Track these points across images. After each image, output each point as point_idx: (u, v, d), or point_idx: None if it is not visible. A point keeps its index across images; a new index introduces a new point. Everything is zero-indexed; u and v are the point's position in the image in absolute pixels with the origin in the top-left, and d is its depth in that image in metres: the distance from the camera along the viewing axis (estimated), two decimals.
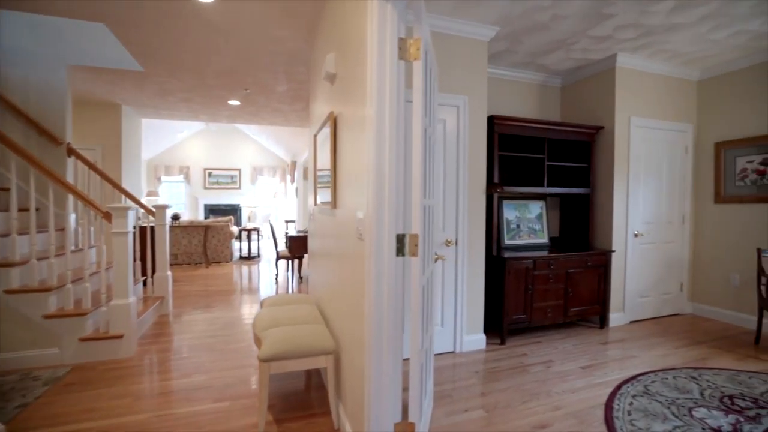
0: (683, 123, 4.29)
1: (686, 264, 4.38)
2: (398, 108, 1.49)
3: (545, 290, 3.53)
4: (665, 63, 4.03)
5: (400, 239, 1.49)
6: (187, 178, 11.24)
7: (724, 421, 2.21)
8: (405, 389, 2.31)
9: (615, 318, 3.93)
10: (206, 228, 7.52)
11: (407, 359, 2.92)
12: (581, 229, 4.10)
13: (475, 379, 2.72)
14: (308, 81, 4.52)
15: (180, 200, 11.40)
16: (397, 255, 1.49)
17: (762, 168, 3.89)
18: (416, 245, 1.46)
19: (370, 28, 1.47)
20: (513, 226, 3.99)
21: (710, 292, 4.26)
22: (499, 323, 3.40)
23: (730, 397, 2.47)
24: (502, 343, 3.38)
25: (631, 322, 4.04)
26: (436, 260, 2.07)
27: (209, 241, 7.57)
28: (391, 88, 1.47)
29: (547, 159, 3.88)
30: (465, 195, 3.16)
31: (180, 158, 11.32)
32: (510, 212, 4.00)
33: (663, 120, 4.16)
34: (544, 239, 4.08)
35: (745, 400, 2.45)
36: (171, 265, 7.35)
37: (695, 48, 3.66)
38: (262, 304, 2.96)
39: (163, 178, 11.13)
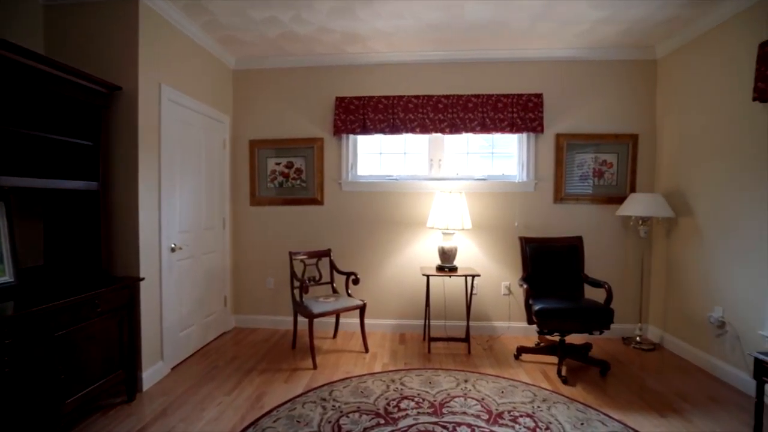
0: (222, 113, 3.71)
1: (228, 274, 3.87)
2: None
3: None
4: (204, 31, 3.22)
5: None
6: None
7: None
8: None
9: (151, 374, 2.67)
10: None
11: None
12: (88, 249, 2.49)
13: None
14: None
15: None
16: None
17: (286, 171, 4.00)
18: None
19: None
20: None
21: (251, 301, 3.98)
22: None
23: None
24: None
25: (173, 369, 2.95)
26: None
27: None
28: None
29: None
30: None
31: None
32: None
33: (202, 102, 3.35)
34: (5, 277, 2.11)
35: None
36: None
37: (234, 20, 3.06)
38: None
39: None
